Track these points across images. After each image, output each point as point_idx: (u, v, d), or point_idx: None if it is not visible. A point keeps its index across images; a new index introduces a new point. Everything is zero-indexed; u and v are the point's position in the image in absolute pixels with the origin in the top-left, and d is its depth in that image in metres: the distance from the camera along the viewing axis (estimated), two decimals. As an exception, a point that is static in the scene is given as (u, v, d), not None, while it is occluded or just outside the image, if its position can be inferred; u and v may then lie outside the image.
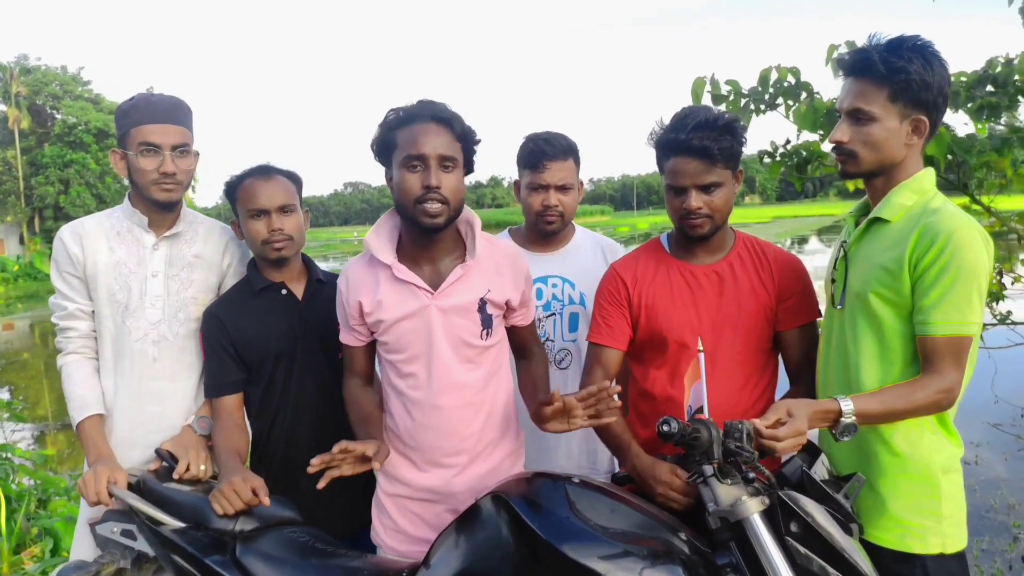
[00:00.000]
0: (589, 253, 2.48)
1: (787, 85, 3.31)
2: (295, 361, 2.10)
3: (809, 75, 3.32)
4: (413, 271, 1.82)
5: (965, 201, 3.32)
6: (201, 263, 2.17)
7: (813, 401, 1.62)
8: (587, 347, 2.08)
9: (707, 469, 1.52)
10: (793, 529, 1.45)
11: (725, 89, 3.34)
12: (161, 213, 2.12)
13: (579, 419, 1.63)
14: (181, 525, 1.80)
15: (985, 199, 3.41)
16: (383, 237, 1.87)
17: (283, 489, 1.91)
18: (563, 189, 2.33)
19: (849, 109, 1.69)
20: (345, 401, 1.96)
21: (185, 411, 2.14)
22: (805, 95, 3.31)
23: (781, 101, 3.37)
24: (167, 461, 2.01)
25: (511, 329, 1.97)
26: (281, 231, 2.04)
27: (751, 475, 1.44)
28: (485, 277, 1.86)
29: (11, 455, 4.85)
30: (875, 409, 1.60)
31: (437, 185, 1.72)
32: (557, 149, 2.30)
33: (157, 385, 2.11)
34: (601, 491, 1.62)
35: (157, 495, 1.88)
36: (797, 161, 3.54)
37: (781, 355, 2.04)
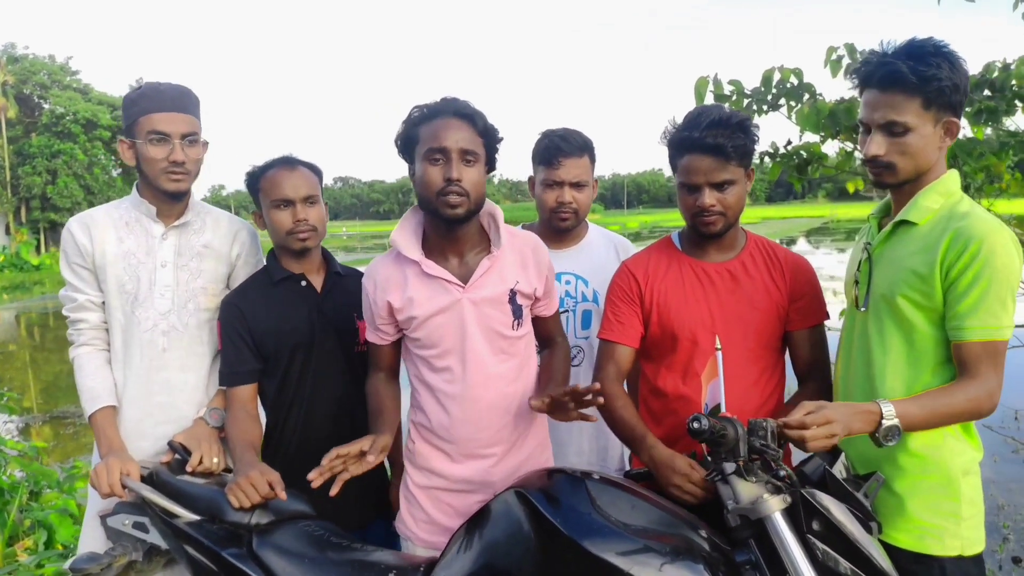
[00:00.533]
0: (602, 250, 2.48)
1: (790, 86, 3.33)
2: (312, 353, 2.09)
3: (809, 74, 3.33)
4: (441, 266, 1.83)
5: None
6: (210, 253, 2.16)
7: (851, 403, 1.61)
8: (599, 344, 2.08)
9: (728, 466, 1.52)
10: (815, 527, 1.46)
11: (728, 89, 3.36)
12: (169, 203, 2.11)
13: (572, 411, 1.68)
14: (196, 518, 1.79)
15: (984, 203, 3.43)
16: (408, 234, 1.87)
17: (296, 482, 1.90)
18: (578, 186, 2.33)
19: (883, 122, 1.66)
20: (367, 393, 1.97)
21: (195, 402, 2.13)
22: (808, 96, 3.33)
23: (784, 102, 3.39)
24: (179, 453, 2.00)
25: (536, 320, 1.99)
26: (306, 221, 2.05)
27: (782, 472, 1.44)
28: (512, 268, 1.88)
29: (3, 447, 4.79)
30: (917, 413, 1.57)
31: (458, 178, 1.73)
32: (573, 146, 2.30)
33: (167, 376, 2.10)
34: (621, 487, 1.63)
35: (171, 487, 1.87)
36: (798, 162, 3.55)
37: (789, 355, 2.04)
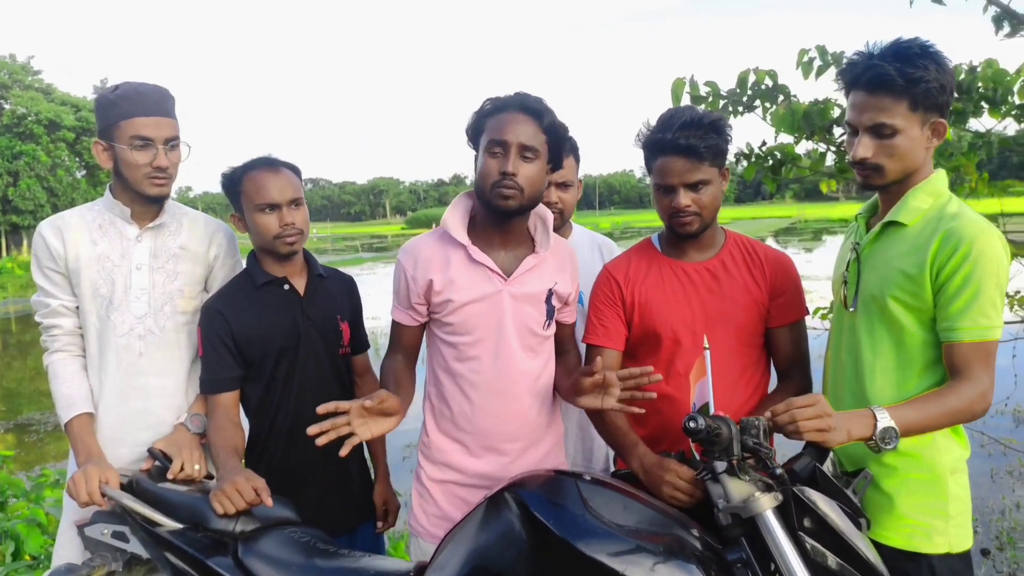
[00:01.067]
0: (587, 251, 2.48)
1: (765, 87, 3.36)
2: (297, 358, 2.06)
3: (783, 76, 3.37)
4: (486, 254, 1.84)
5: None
6: (187, 255, 2.12)
7: (846, 411, 1.58)
8: (584, 349, 2.08)
9: (719, 465, 1.52)
10: (806, 524, 1.46)
11: (704, 90, 3.38)
12: (145, 205, 2.07)
13: (613, 398, 1.65)
14: (178, 526, 1.75)
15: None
16: (458, 217, 1.88)
17: (281, 488, 1.87)
18: (563, 186, 2.33)
19: (871, 125, 1.66)
20: (382, 370, 1.93)
21: (174, 407, 2.09)
22: (782, 98, 3.37)
23: (759, 103, 3.42)
24: (160, 460, 1.95)
25: (557, 325, 2.00)
26: (293, 225, 2.02)
27: (778, 471, 1.44)
28: (553, 270, 1.91)
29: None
30: (912, 417, 1.55)
31: (513, 172, 1.74)
32: None
33: (144, 381, 2.06)
34: (612, 487, 1.62)
35: (152, 495, 1.82)
36: (772, 163, 3.59)
37: (771, 352, 2.06)
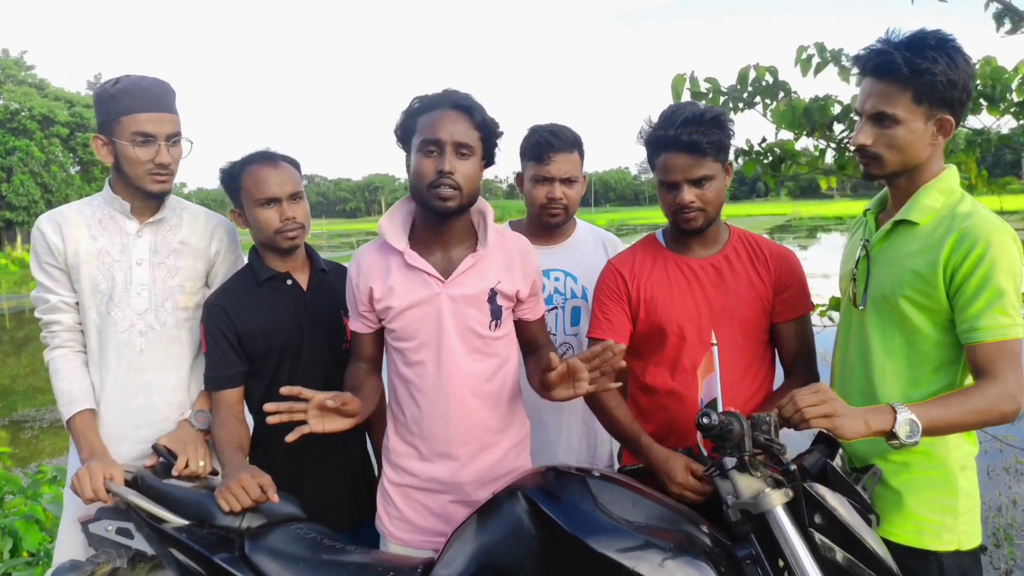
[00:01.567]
0: (591, 247, 2.48)
1: (765, 84, 3.35)
2: (301, 353, 2.05)
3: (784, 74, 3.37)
4: (425, 258, 1.81)
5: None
6: (187, 250, 2.11)
7: (863, 407, 1.55)
8: (588, 344, 2.07)
9: (728, 461, 1.52)
10: (817, 521, 1.46)
11: (704, 87, 3.37)
12: (145, 200, 2.05)
13: (584, 383, 1.63)
14: (184, 522, 1.74)
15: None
16: (396, 223, 1.85)
17: (283, 485, 1.85)
18: (568, 182, 2.33)
19: (872, 112, 1.64)
20: (344, 378, 1.92)
21: (176, 404, 2.07)
22: (783, 94, 3.36)
23: (759, 100, 3.41)
24: (164, 457, 1.95)
25: (520, 323, 1.96)
26: (294, 219, 2.01)
27: (792, 467, 1.44)
28: (496, 268, 1.85)
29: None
30: (935, 415, 1.50)
31: (451, 170, 1.71)
32: (563, 141, 2.29)
33: (145, 377, 2.04)
34: (621, 484, 1.62)
35: (157, 492, 1.81)
36: (771, 160, 3.59)
37: (776, 348, 2.06)
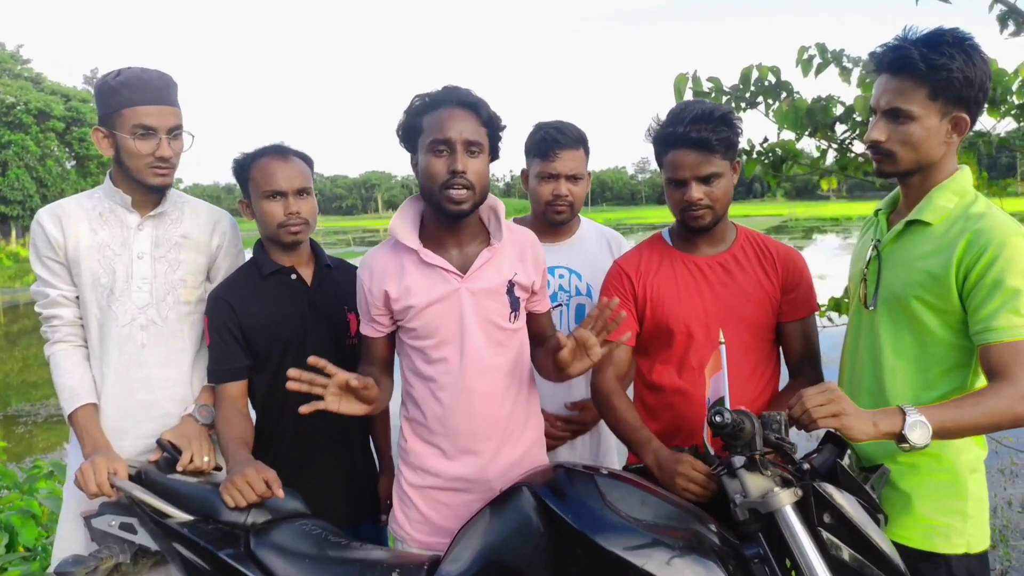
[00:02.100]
0: (595, 244, 2.47)
1: (768, 84, 3.35)
2: (304, 348, 2.03)
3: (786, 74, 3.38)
4: (440, 255, 1.81)
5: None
6: (189, 243, 2.10)
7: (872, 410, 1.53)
8: None
9: (737, 460, 1.52)
10: (825, 520, 1.45)
11: (707, 86, 3.37)
12: (147, 194, 2.04)
13: (596, 348, 1.64)
14: (188, 518, 1.73)
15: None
16: (407, 222, 1.85)
17: (286, 481, 1.84)
18: (573, 179, 2.32)
19: (887, 108, 1.62)
20: None
21: (178, 399, 2.06)
22: (786, 94, 3.36)
23: (761, 100, 3.41)
24: (168, 452, 1.93)
25: (530, 316, 1.97)
26: (298, 214, 2.00)
27: (805, 466, 1.43)
28: (510, 260, 1.87)
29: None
30: (947, 417, 1.47)
31: (463, 170, 1.72)
32: (569, 138, 2.29)
33: (147, 372, 2.03)
34: (629, 482, 1.62)
35: (161, 487, 1.80)
36: (773, 159, 3.59)
37: (782, 348, 2.06)
